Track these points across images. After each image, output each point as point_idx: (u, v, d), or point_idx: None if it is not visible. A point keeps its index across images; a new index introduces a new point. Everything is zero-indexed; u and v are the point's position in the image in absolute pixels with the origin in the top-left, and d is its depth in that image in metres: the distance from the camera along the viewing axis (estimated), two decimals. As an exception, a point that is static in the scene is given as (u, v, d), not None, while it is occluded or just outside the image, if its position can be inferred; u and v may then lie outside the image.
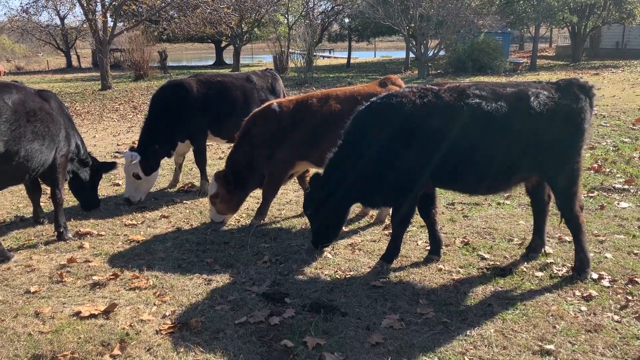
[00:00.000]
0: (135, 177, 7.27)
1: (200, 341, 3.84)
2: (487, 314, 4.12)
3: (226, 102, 7.63)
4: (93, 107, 19.45)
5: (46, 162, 5.80)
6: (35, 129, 5.50)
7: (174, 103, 7.47)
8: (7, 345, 3.82)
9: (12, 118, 5.21)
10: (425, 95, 4.62)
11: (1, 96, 5.21)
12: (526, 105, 4.47)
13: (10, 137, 5.19)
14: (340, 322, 4.06)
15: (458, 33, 28.62)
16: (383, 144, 4.71)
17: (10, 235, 6.22)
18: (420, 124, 4.57)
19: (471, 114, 4.46)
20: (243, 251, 5.57)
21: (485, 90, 4.55)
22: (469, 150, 4.57)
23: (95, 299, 4.53)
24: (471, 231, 5.86)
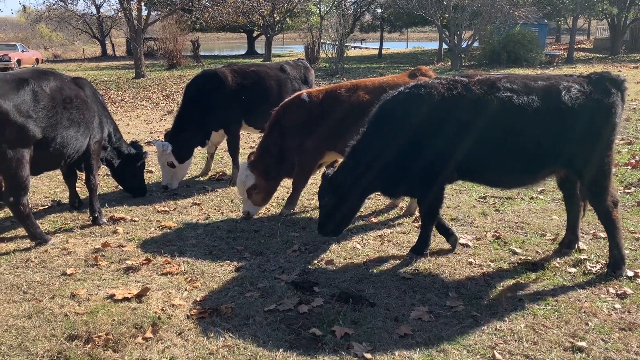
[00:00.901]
0: (170, 165, 7.38)
1: (230, 327, 3.89)
2: (517, 308, 4.07)
3: (260, 91, 7.68)
4: (127, 95, 19.77)
5: (81, 149, 5.94)
6: (71, 116, 5.63)
7: (208, 92, 7.54)
8: (45, 325, 3.94)
9: (49, 105, 5.35)
10: (454, 87, 4.58)
11: (39, 83, 5.35)
12: (557, 99, 4.41)
13: (48, 123, 5.32)
14: (369, 312, 4.07)
15: (493, 24, 28.15)
16: (409, 134, 4.68)
17: (48, 218, 6.39)
18: (449, 115, 4.53)
19: (501, 107, 4.42)
20: (273, 240, 5.61)
21: (516, 83, 4.50)
22: (498, 143, 4.52)
23: (129, 283, 4.63)
24: (503, 225, 5.79)
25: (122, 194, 7.35)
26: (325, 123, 6.07)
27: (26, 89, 5.17)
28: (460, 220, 5.97)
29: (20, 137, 5.05)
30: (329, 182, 5.14)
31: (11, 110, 4.95)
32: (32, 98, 5.18)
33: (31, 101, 5.17)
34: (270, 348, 3.63)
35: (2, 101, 4.90)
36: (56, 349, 3.62)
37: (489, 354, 3.52)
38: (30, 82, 5.24)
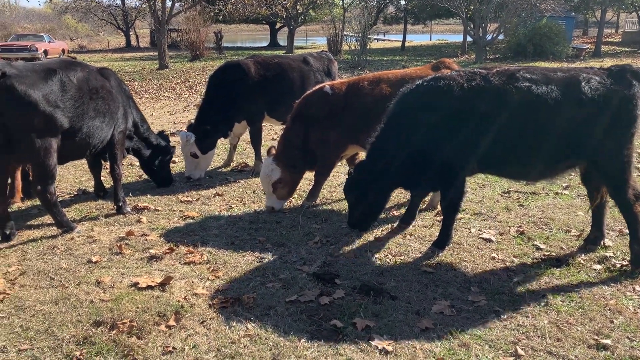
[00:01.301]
0: (193, 156, 7.44)
1: (251, 317, 3.92)
2: (541, 304, 4.03)
3: (283, 83, 7.68)
4: (151, 86, 19.95)
5: (105, 139, 6.02)
6: (96, 107, 5.71)
7: (231, 84, 7.56)
8: (71, 311, 4.02)
9: (76, 95, 5.42)
10: (473, 79, 4.56)
11: (67, 74, 5.43)
12: (577, 91, 4.39)
13: (75, 113, 5.40)
14: (390, 305, 4.07)
15: (519, 16, 27.71)
16: (428, 126, 4.65)
17: (74, 207, 6.50)
18: (468, 107, 4.52)
19: (520, 97, 4.41)
20: (294, 231, 5.63)
21: (536, 74, 4.49)
22: (516, 135, 4.50)
23: (152, 272, 4.69)
24: (527, 220, 5.73)
25: (145, 184, 7.44)
26: (348, 116, 6.05)
27: (54, 79, 5.25)
28: (484, 215, 5.92)
29: (48, 126, 5.13)
30: (352, 180, 5.15)
31: (40, 99, 5.03)
32: (60, 88, 5.27)
33: (59, 91, 5.25)
34: (292, 339, 3.65)
35: (32, 91, 4.98)
36: (82, 335, 3.69)
37: (511, 349, 3.49)
38: (58, 73, 5.32)
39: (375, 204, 5.23)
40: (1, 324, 3.87)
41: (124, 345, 3.58)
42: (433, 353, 3.47)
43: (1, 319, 3.94)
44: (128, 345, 3.57)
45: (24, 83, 4.96)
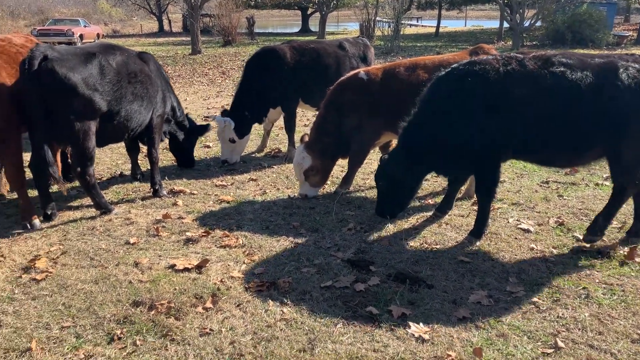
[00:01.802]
0: (231, 141, 7.47)
1: (287, 301, 3.94)
2: (581, 297, 3.96)
3: (318, 69, 7.63)
4: (184, 71, 20.11)
5: (144, 123, 6.09)
6: (135, 91, 5.77)
7: (267, 69, 7.54)
8: (111, 290, 4.10)
9: (115, 79, 5.49)
10: (508, 63, 4.53)
11: (106, 57, 5.49)
12: (613, 77, 4.31)
13: (113, 97, 5.47)
14: (426, 294, 4.04)
15: (558, 2, 26.99)
16: (463, 111, 4.62)
17: (111, 189, 6.61)
18: (502, 91, 4.48)
19: (554, 82, 4.36)
20: (328, 217, 5.63)
21: (572, 60, 4.44)
22: (549, 119, 4.45)
23: (189, 254, 4.75)
24: (566, 211, 5.61)
25: (181, 169, 7.50)
26: (383, 102, 5.98)
27: (94, 63, 5.32)
28: (522, 205, 5.81)
29: (87, 109, 5.21)
30: (384, 166, 5.11)
31: (79, 83, 5.11)
32: (99, 72, 5.34)
33: (98, 75, 5.32)
34: (327, 324, 3.66)
35: (72, 74, 5.06)
36: (122, 314, 3.76)
37: (550, 341, 3.44)
38: (97, 56, 5.39)
39: (407, 190, 5.19)
40: (45, 301, 3.97)
41: (162, 325, 3.64)
42: (470, 342, 3.44)
43: (44, 296, 4.04)
44: (166, 326, 3.63)
45: (65, 66, 5.04)
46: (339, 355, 3.32)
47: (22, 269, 4.47)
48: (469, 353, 3.33)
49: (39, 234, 5.21)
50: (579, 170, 6.88)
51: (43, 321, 3.72)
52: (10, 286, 4.20)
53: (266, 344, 3.45)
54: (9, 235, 5.16)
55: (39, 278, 4.29)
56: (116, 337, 3.52)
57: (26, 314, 3.81)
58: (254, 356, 3.33)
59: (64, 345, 3.45)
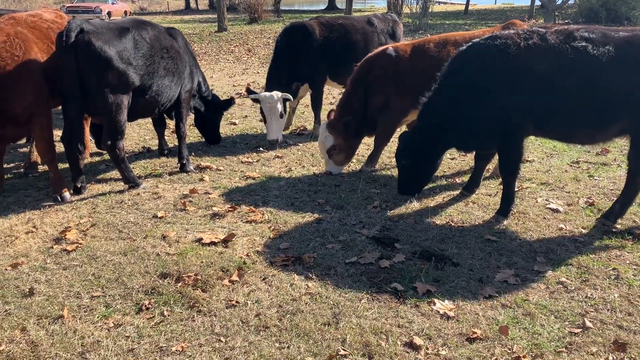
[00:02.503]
0: (280, 116, 7.26)
1: (312, 276, 3.96)
2: (610, 277, 3.90)
3: (346, 45, 7.53)
4: (210, 48, 20.13)
5: (173, 98, 6.14)
6: (166, 66, 5.82)
7: (295, 45, 7.47)
8: (139, 262, 4.17)
9: (148, 54, 5.54)
10: (530, 37, 4.48)
11: (139, 32, 5.54)
12: (636, 51, 4.23)
13: (146, 71, 5.52)
14: (452, 271, 4.02)
15: (592, -21, 26.14)
16: (484, 86, 4.59)
17: (139, 164, 6.69)
18: (523, 65, 4.44)
19: (576, 57, 4.31)
20: (353, 195, 5.61)
21: (595, 34, 4.36)
22: (570, 94, 4.39)
23: (215, 228, 4.79)
24: (597, 192, 5.50)
25: (207, 145, 7.54)
26: (412, 80, 5.89)
27: (128, 37, 5.37)
28: (551, 185, 5.72)
29: (121, 82, 5.27)
30: (405, 143, 5.07)
31: (114, 56, 5.17)
32: (133, 46, 5.39)
33: (132, 49, 5.38)
34: (352, 299, 3.67)
35: (107, 47, 5.12)
36: (150, 285, 3.83)
37: (578, 321, 3.40)
38: (131, 31, 5.45)
39: (429, 167, 5.19)
40: (75, 271, 4.06)
41: (189, 297, 3.70)
42: (496, 321, 3.42)
43: (75, 266, 4.13)
44: (193, 297, 3.68)
45: (100, 39, 5.10)
46: (363, 330, 3.33)
47: (54, 240, 4.58)
48: (494, 331, 3.31)
49: (69, 206, 5.31)
50: (610, 151, 6.73)
51: (74, 290, 3.81)
52: (43, 256, 4.30)
53: (291, 317, 3.48)
54: (41, 207, 5.28)
55: (69, 249, 4.38)
56: (144, 307, 3.59)
57: (58, 283, 3.90)
58: (279, 328, 3.36)
59: (94, 314, 3.53)
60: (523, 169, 6.18)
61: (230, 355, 3.13)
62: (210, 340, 3.28)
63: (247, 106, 10.03)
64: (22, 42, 5.11)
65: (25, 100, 5.09)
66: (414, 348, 3.17)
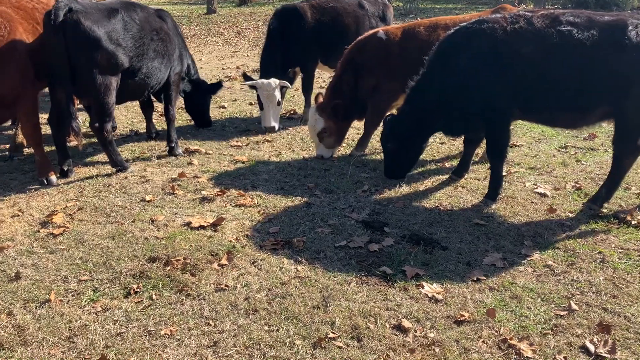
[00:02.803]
0: (278, 104, 7.19)
1: (301, 260, 3.97)
2: (596, 261, 3.93)
3: (338, 28, 7.44)
4: (199, 31, 19.89)
5: (162, 80, 6.07)
6: (156, 48, 5.75)
7: (288, 29, 7.36)
8: (127, 246, 4.15)
9: (137, 35, 5.47)
10: (516, 21, 4.52)
11: (129, 14, 5.47)
12: (620, 35, 4.26)
13: (135, 53, 5.45)
14: (440, 255, 4.04)
15: (582, -36, 26.08)
16: (471, 69, 4.62)
17: (127, 147, 6.63)
18: (509, 50, 4.48)
19: (559, 41, 4.36)
20: (343, 179, 5.61)
21: (580, 18, 4.40)
22: (554, 78, 4.45)
23: (204, 212, 4.77)
24: (584, 176, 5.53)
25: (196, 128, 7.49)
26: (403, 63, 5.86)
27: (117, 18, 5.30)
28: (539, 169, 5.74)
29: (110, 64, 5.20)
30: (390, 127, 5.07)
31: (103, 36, 5.10)
32: (122, 27, 5.33)
33: (121, 30, 5.31)
34: (341, 282, 3.68)
35: (96, 27, 5.05)
36: (138, 269, 3.81)
37: (564, 303, 3.43)
38: (120, 12, 5.37)
39: (415, 151, 5.21)
40: (62, 255, 4.03)
41: (178, 280, 3.69)
42: (484, 304, 3.44)
43: (62, 250, 4.10)
44: (182, 281, 3.67)
45: (89, 19, 5.04)
46: (352, 313, 3.34)
47: (40, 224, 4.54)
48: (482, 314, 3.34)
49: (56, 190, 5.26)
50: (598, 136, 6.77)
51: (61, 274, 3.78)
52: (29, 240, 4.27)
53: (280, 300, 3.48)
54: (27, 190, 5.22)
55: (56, 233, 4.35)
56: (132, 291, 3.57)
57: (45, 267, 3.88)
58: (268, 312, 3.37)
59: (81, 298, 3.52)
60: (511, 153, 6.23)
61: (219, 338, 3.14)
62: (199, 323, 3.27)
63: (237, 89, 9.96)
64: (7, 22, 5.01)
65: (11, 82, 5.00)
66: (403, 331, 3.19)
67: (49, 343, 3.09)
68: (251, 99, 9.03)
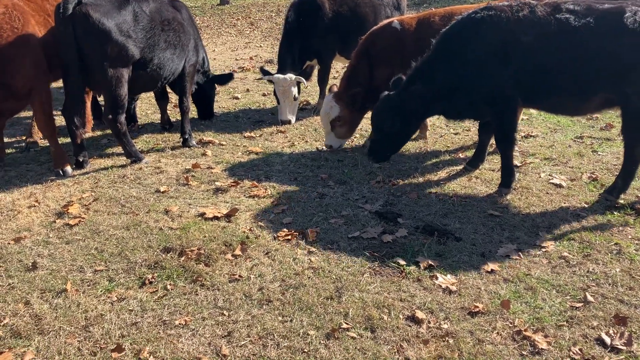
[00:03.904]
0: (294, 98, 7.17)
1: (315, 250, 3.97)
2: (612, 252, 3.89)
3: (356, 19, 7.32)
4: (212, 22, 19.89)
5: (176, 71, 6.08)
6: (168, 38, 5.74)
7: (306, 21, 7.26)
8: (142, 237, 4.18)
9: (148, 26, 5.46)
10: (521, 10, 4.57)
11: (139, 4, 5.46)
12: (618, 22, 4.28)
13: (146, 44, 5.45)
14: (454, 246, 4.02)
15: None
16: (476, 56, 4.65)
17: (141, 138, 6.66)
18: (512, 38, 4.53)
19: (559, 28, 4.41)
20: (356, 170, 5.60)
21: (580, 6, 4.44)
22: (553, 66, 4.49)
23: (218, 203, 4.79)
24: (600, 167, 5.46)
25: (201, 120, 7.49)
26: (418, 53, 5.80)
27: (127, 9, 5.30)
28: (554, 160, 5.68)
29: (120, 56, 5.21)
30: (388, 105, 4.97)
31: (113, 28, 5.10)
32: (132, 18, 5.32)
33: (132, 21, 5.31)
34: (355, 273, 3.68)
35: (105, 19, 5.06)
36: (153, 259, 3.84)
37: (580, 295, 3.40)
38: (131, 3, 5.36)
39: (406, 131, 5.12)
40: (78, 245, 4.08)
41: (192, 271, 3.71)
42: (498, 295, 3.43)
43: (78, 241, 4.14)
44: (196, 272, 3.70)
45: (99, 11, 5.04)
46: (365, 304, 3.34)
47: (56, 214, 4.58)
48: (496, 305, 3.32)
49: (71, 180, 5.31)
50: (615, 126, 6.67)
51: (77, 264, 3.82)
52: (45, 230, 4.32)
53: (294, 290, 3.49)
54: (43, 181, 5.27)
55: (72, 223, 4.39)
56: (147, 282, 3.60)
57: (61, 257, 3.92)
58: (282, 302, 3.38)
59: (97, 288, 3.55)
60: (526, 144, 6.18)
61: (233, 328, 3.15)
62: (214, 314, 3.30)
63: (250, 80, 9.95)
64: (20, 14, 5.04)
65: (25, 73, 5.05)
66: (416, 322, 3.18)
67: (65, 332, 3.13)
68: (264, 90, 9.03)
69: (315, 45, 7.39)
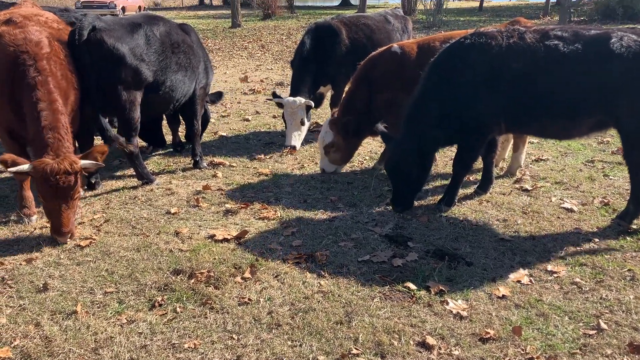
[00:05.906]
0: (302, 123, 7.13)
1: (324, 274, 3.96)
2: (626, 278, 3.85)
3: (371, 45, 7.28)
4: (223, 44, 20.15)
5: (187, 93, 6.14)
6: (179, 61, 5.81)
7: (322, 47, 7.30)
8: (152, 259, 4.19)
9: (160, 49, 5.54)
10: (510, 36, 4.63)
11: (150, 28, 5.54)
12: (604, 48, 4.35)
13: (159, 67, 5.52)
14: (465, 271, 3.99)
15: (609, -25, 25.79)
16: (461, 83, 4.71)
17: (152, 160, 6.72)
18: (500, 64, 4.58)
19: (546, 55, 4.47)
20: (366, 192, 5.60)
21: (567, 33, 4.53)
22: (541, 91, 4.53)
23: (228, 225, 4.80)
24: (612, 191, 5.43)
25: (220, 141, 7.56)
26: (418, 78, 5.82)
27: (140, 33, 5.38)
28: (565, 184, 5.65)
29: (134, 79, 5.27)
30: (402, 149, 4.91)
31: (127, 53, 5.17)
32: (145, 42, 5.39)
33: (144, 45, 5.38)
34: (364, 297, 3.66)
35: (120, 44, 5.13)
36: (163, 282, 3.85)
37: (593, 322, 3.36)
38: (143, 27, 5.44)
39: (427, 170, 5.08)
40: (89, 267, 4.09)
41: (202, 294, 3.71)
42: (510, 321, 3.39)
43: (88, 262, 4.16)
44: (206, 294, 3.69)
45: (113, 36, 5.11)
46: (375, 329, 3.32)
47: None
48: (507, 331, 3.29)
49: (83, 202, 5.34)
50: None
51: (87, 286, 3.83)
52: (56, 251, 4.34)
53: (303, 315, 3.47)
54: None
55: (83, 244, 4.41)
56: (157, 304, 3.60)
57: (71, 278, 3.93)
58: (291, 326, 3.36)
59: (107, 310, 3.56)
60: (537, 167, 6.17)
61: (243, 352, 3.14)
62: (223, 337, 3.28)
63: (260, 102, 10.04)
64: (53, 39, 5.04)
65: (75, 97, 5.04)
66: (427, 348, 3.15)
67: (75, 355, 3.13)
68: (274, 112, 9.09)
69: (331, 71, 7.41)
